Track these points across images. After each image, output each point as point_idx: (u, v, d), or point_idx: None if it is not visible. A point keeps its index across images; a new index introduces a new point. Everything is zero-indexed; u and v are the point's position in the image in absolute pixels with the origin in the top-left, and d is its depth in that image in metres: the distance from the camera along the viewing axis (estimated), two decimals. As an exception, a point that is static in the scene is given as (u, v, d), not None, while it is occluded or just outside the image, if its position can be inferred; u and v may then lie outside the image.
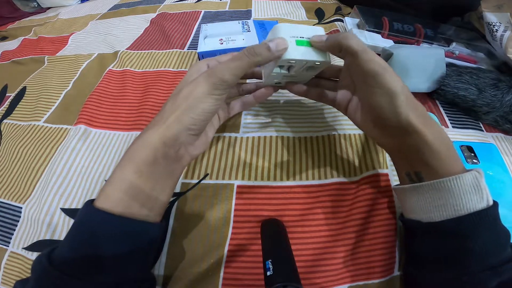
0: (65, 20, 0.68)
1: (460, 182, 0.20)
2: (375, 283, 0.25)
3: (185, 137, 0.22)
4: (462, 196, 0.20)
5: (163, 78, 0.43)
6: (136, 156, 0.21)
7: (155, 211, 0.22)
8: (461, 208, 0.20)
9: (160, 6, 0.66)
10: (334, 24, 0.53)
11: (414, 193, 0.23)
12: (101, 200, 0.20)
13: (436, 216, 0.21)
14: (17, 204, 0.32)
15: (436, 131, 0.21)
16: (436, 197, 0.21)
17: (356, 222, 0.28)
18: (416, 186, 0.22)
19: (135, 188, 0.20)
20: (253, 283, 0.26)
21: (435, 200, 0.21)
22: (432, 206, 0.21)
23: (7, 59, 0.55)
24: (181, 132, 0.22)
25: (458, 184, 0.20)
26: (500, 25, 0.39)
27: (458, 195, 0.20)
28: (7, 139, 0.39)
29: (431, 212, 0.21)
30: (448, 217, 0.20)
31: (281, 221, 0.27)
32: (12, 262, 0.29)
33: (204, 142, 0.26)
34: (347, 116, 0.27)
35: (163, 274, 0.26)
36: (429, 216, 0.22)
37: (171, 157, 0.22)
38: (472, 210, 0.19)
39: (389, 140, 0.24)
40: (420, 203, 0.22)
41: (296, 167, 0.31)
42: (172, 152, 0.22)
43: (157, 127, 0.22)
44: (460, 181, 0.20)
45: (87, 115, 0.38)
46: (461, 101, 0.35)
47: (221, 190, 0.30)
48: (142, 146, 0.21)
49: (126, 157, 0.21)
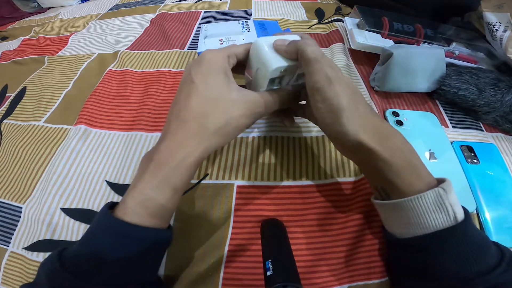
0: (65, 20, 0.69)
1: (422, 202, 0.19)
2: (375, 283, 0.25)
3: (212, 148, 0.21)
4: (425, 215, 0.19)
5: (163, 78, 0.43)
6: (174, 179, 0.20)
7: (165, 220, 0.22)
8: (427, 226, 0.19)
9: (160, 6, 0.67)
10: (334, 24, 0.53)
11: (383, 209, 0.23)
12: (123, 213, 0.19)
13: (405, 232, 0.21)
14: (17, 204, 0.32)
15: (395, 147, 0.21)
16: (402, 216, 0.21)
17: (356, 222, 0.28)
18: (383, 204, 0.22)
19: (164, 209, 0.20)
20: (253, 283, 0.26)
21: (401, 218, 0.21)
22: (400, 223, 0.21)
23: (7, 59, 0.55)
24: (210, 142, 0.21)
25: (419, 203, 0.19)
26: (500, 25, 0.39)
27: (422, 214, 0.19)
28: (7, 139, 0.39)
29: (401, 228, 0.22)
30: (415, 235, 0.20)
31: (281, 221, 0.27)
32: (12, 262, 0.29)
33: None
34: None
35: (163, 274, 0.26)
36: (400, 232, 0.22)
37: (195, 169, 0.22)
38: (438, 228, 0.19)
39: (350, 156, 0.24)
40: (390, 219, 0.23)
41: (296, 167, 0.31)
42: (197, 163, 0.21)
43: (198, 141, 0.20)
44: (422, 200, 0.19)
45: (87, 115, 0.38)
46: (461, 101, 0.35)
47: (221, 190, 0.30)
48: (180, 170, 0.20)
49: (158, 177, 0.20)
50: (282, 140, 0.34)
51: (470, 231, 0.20)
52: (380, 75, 0.38)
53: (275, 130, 0.34)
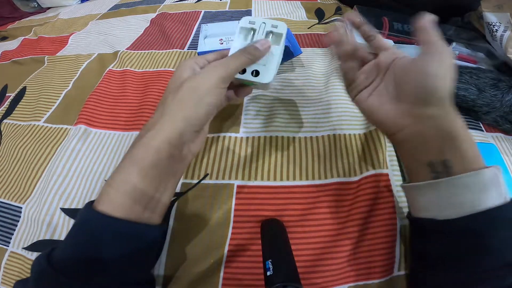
0: (65, 20, 0.69)
1: (480, 178, 0.19)
2: (375, 283, 0.25)
3: (190, 135, 0.22)
4: (481, 192, 0.19)
5: (163, 78, 0.43)
6: (140, 158, 0.20)
7: (157, 213, 0.21)
8: (479, 204, 0.19)
9: (160, 6, 0.67)
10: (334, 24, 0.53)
11: (429, 190, 0.21)
12: (102, 202, 0.19)
13: (452, 213, 0.20)
14: (17, 204, 0.32)
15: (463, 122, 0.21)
16: (454, 194, 0.20)
17: (356, 222, 0.28)
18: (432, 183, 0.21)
19: (138, 191, 0.20)
20: (253, 283, 0.26)
21: (451, 197, 0.20)
22: (447, 203, 0.20)
23: (7, 59, 0.55)
24: (187, 130, 0.21)
25: (478, 180, 0.19)
26: (500, 25, 0.39)
27: (477, 192, 0.19)
28: (7, 139, 0.39)
29: (447, 209, 0.20)
30: (464, 214, 0.19)
31: (281, 221, 0.27)
32: (12, 262, 0.29)
33: (203, 138, 0.26)
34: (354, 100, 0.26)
35: (163, 274, 0.26)
36: (444, 213, 0.21)
37: (176, 158, 0.22)
38: (489, 206, 0.19)
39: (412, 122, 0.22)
40: (435, 200, 0.21)
41: (296, 167, 0.31)
42: (177, 152, 0.22)
43: (161, 126, 0.21)
44: (480, 177, 0.19)
45: (87, 115, 0.38)
46: (461, 101, 0.35)
47: (221, 190, 0.30)
48: (146, 147, 0.20)
49: (128, 159, 0.21)
50: (282, 140, 0.34)
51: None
52: (380, 75, 0.38)
53: (275, 130, 0.34)
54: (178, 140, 0.21)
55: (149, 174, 0.20)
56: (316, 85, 0.40)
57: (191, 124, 0.22)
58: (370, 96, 0.25)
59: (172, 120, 0.21)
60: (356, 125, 0.34)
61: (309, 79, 0.41)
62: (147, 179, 0.20)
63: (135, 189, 0.20)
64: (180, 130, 0.21)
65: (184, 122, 0.21)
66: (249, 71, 0.27)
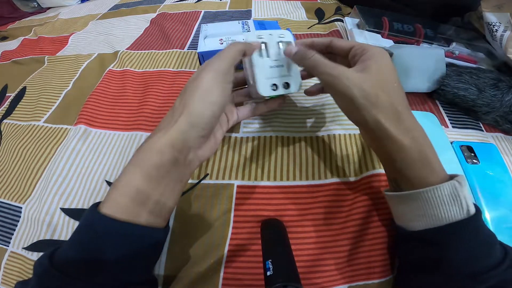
0: (65, 20, 0.68)
1: (437, 193, 0.20)
2: (375, 283, 0.25)
3: (195, 140, 0.22)
4: (440, 207, 0.20)
5: (163, 78, 0.43)
6: (144, 160, 0.20)
7: (162, 217, 0.21)
8: (440, 218, 0.20)
9: (160, 6, 0.66)
10: (334, 24, 0.53)
11: (397, 201, 0.23)
12: (106, 205, 0.19)
13: (417, 225, 0.21)
14: (17, 204, 0.32)
15: (412, 138, 0.21)
16: (416, 207, 0.21)
17: (356, 222, 0.28)
18: (397, 195, 0.22)
19: (142, 194, 0.19)
20: (253, 283, 0.26)
21: (415, 210, 0.21)
22: (413, 215, 0.21)
23: (7, 59, 0.55)
24: (192, 134, 0.21)
25: (435, 195, 0.20)
26: (500, 25, 0.39)
27: (436, 206, 0.20)
28: (7, 139, 0.39)
29: (413, 220, 0.22)
30: (428, 227, 0.20)
31: (281, 221, 0.27)
32: (12, 262, 0.29)
33: (213, 145, 0.26)
34: None
35: (163, 274, 0.26)
36: (411, 224, 0.22)
37: (180, 162, 0.21)
38: (451, 220, 0.19)
39: (371, 143, 0.24)
40: (403, 211, 0.23)
41: (296, 167, 0.31)
42: (182, 158, 0.21)
43: (166, 129, 0.21)
44: (437, 192, 0.20)
45: (87, 115, 0.38)
46: (461, 101, 0.35)
47: (221, 190, 0.30)
48: (150, 150, 0.20)
49: (133, 161, 0.20)
50: (282, 140, 0.34)
51: (481, 225, 0.20)
52: (380, 75, 0.38)
53: (275, 130, 0.34)
54: (182, 144, 0.21)
55: (152, 177, 0.20)
56: (316, 85, 0.40)
57: (195, 127, 0.21)
58: None
59: (177, 124, 0.21)
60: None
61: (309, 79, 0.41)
62: (150, 182, 0.20)
63: (138, 191, 0.19)
64: (184, 133, 0.21)
65: (187, 125, 0.21)
66: (280, 85, 0.28)
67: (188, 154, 0.22)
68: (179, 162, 0.21)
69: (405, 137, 0.21)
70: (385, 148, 0.22)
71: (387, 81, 0.22)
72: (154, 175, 0.20)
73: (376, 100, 0.21)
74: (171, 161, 0.20)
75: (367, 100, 0.21)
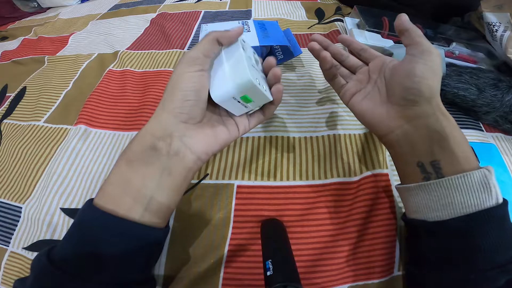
0: (65, 20, 0.69)
1: (469, 180, 0.19)
2: (375, 283, 0.25)
3: (174, 126, 0.21)
4: (470, 194, 0.19)
5: (163, 78, 0.43)
6: (126, 149, 0.21)
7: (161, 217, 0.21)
8: (469, 205, 0.19)
9: (160, 6, 0.67)
10: (334, 24, 0.53)
11: (419, 191, 0.22)
12: (98, 196, 0.20)
13: (443, 214, 0.20)
14: (17, 204, 0.32)
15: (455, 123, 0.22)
16: (444, 195, 0.20)
17: (356, 222, 0.28)
18: (422, 185, 0.22)
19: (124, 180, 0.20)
20: (253, 283, 0.26)
21: (442, 198, 0.20)
22: (439, 204, 0.21)
23: (7, 59, 0.55)
24: (169, 120, 0.21)
25: (467, 181, 0.19)
26: (500, 25, 0.39)
27: (466, 193, 0.19)
28: (7, 139, 0.39)
29: (438, 210, 0.21)
30: (455, 215, 0.20)
31: (281, 221, 0.27)
32: (12, 262, 0.29)
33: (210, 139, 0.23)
34: (348, 105, 0.28)
35: (163, 274, 0.26)
36: (435, 215, 0.21)
37: (162, 151, 0.21)
38: (480, 208, 0.19)
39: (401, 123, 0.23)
40: (426, 202, 0.22)
41: (296, 167, 0.31)
42: (164, 145, 0.21)
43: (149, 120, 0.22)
44: (469, 178, 0.19)
45: (87, 115, 0.38)
46: (461, 101, 0.35)
47: (221, 190, 0.30)
48: (132, 140, 0.22)
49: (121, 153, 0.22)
50: (282, 140, 0.34)
51: (508, 215, 0.20)
52: (380, 75, 0.38)
53: (275, 130, 0.34)
54: (161, 131, 0.21)
55: (132, 162, 0.20)
56: (316, 85, 0.40)
57: (170, 112, 0.21)
58: (363, 100, 0.26)
59: (155, 113, 0.22)
60: (356, 125, 0.34)
61: (309, 79, 0.41)
62: (131, 167, 0.20)
63: (122, 177, 0.20)
64: (161, 120, 0.21)
65: (163, 111, 0.22)
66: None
67: (172, 141, 0.21)
68: (160, 149, 0.21)
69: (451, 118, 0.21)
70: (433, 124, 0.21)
71: None
72: (134, 160, 0.20)
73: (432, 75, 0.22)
74: (150, 146, 0.21)
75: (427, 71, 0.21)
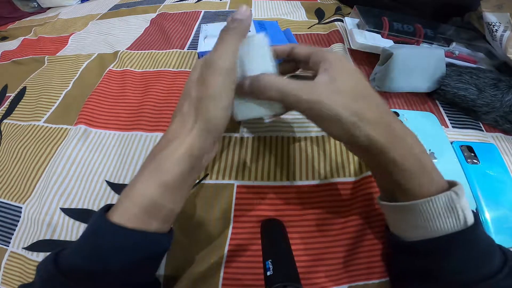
0: (65, 20, 0.68)
1: (433, 205, 0.19)
2: (375, 283, 0.25)
3: (210, 146, 0.21)
4: (435, 219, 0.19)
5: (163, 78, 0.43)
6: (162, 171, 0.19)
7: (169, 222, 0.21)
8: (436, 229, 0.19)
9: (160, 6, 0.66)
10: (334, 24, 0.53)
11: (391, 210, 0.23)
12: (117, 214, 0.19)
13: (412, 235, 0.21)
14: (17, 204, 0.32)
15: (407, 147, 0.20)
16: (410, 218, 0.20)
17: (356, 222, 0.28)
18: (390, 206, 0.22)
19: (156, 205, 0.19)
20: (253, 283, 0.26)
21: (410, 221, 0.21)
22: (408, 225, 0.21)
23: (7, 59, 0.55)
24: (208, 141, 0.20)
25: (430, 207, 0.19)
26: (500, 25, 0.39)
27: (432, 218, 0.19)
28: (7, 139, 0.39)
29: (408, 231, 0.21)
30: (423, 238, 0.20)
31: (281, 221, 0.27)
32: (12, 262, 0.29)
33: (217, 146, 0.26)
34: None
35: (163, 274, 0.26)
36: (406, 234, 0.22)
37: (196, 169, 0.21)
38: (447, 231, 0.19)
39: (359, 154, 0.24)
40: (398, 221, 0.22)
41: (296, 167, 0.31)
42: (198, 163, 0.21)
43: (182, 138, 0.20)
44: (433, 204, 0.19)
45: (87, 115, 0.38)
46: (461, 101, 0.35)
47: (221, 190, 0.30)
48: (167, 160, 0.19)
49: (147, 170, 0.19)
50: (282, 140, 0.34)
51: (478, 236, 0.20)
52: (380, 75, 0.38)
53: (275, 130, 0.34)
54: (199, 152, 0.20)
55: (169, 188, 0.19)
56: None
57: (211, 133, 0.20)
58: None
59: (194, 132, 0.20)
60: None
61: None
62: (167, 193, 0.19)
63: (153, 203, 0.19)
64: (202, 141, 0.20)
65: (205, 132, 0.20)
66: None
67: (203, 159, 0.21)
68: (195, 169, 0.21)
69: (400, 147, 0.20)
70: (380, 162, 0.20)
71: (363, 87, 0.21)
72: (171, 186, 0.19)
73: (364, 114, 0.19)
74: (189, 170, 0.20)
75: (355, 116, 0.19)
